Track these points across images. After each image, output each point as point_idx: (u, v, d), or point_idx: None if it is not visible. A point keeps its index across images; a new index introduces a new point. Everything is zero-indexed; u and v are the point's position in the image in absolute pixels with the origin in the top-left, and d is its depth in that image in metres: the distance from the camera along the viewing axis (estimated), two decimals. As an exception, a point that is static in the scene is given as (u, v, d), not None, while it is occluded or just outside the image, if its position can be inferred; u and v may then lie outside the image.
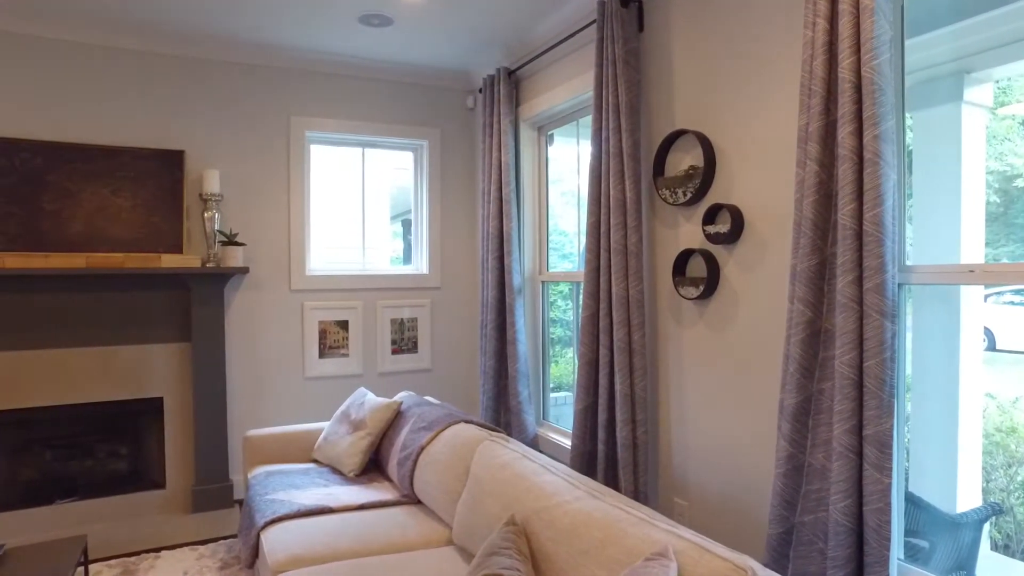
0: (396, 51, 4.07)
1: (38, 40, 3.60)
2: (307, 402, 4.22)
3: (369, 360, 4.38)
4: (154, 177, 3.74)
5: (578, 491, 1.84)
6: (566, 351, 4.25)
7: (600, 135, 3.03)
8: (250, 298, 4.07)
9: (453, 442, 2.56)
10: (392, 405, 3.14)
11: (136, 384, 3.76)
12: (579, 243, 3.84)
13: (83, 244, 3.58)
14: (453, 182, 4.64)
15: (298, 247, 4.17)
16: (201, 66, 3.94)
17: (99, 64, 3.72)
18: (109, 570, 3.11)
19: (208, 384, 3.84)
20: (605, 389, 2.95)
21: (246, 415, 4.08)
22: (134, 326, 3.74)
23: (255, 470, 3.13)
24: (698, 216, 2.68)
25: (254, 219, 4.07)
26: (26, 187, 3.50)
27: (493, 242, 3.97)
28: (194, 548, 3.32)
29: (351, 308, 4.32)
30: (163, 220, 3.74)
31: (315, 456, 3.24)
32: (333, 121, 4.27)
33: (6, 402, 3.51)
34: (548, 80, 3.78)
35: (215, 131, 3.98)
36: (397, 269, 4.61)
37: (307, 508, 2.53)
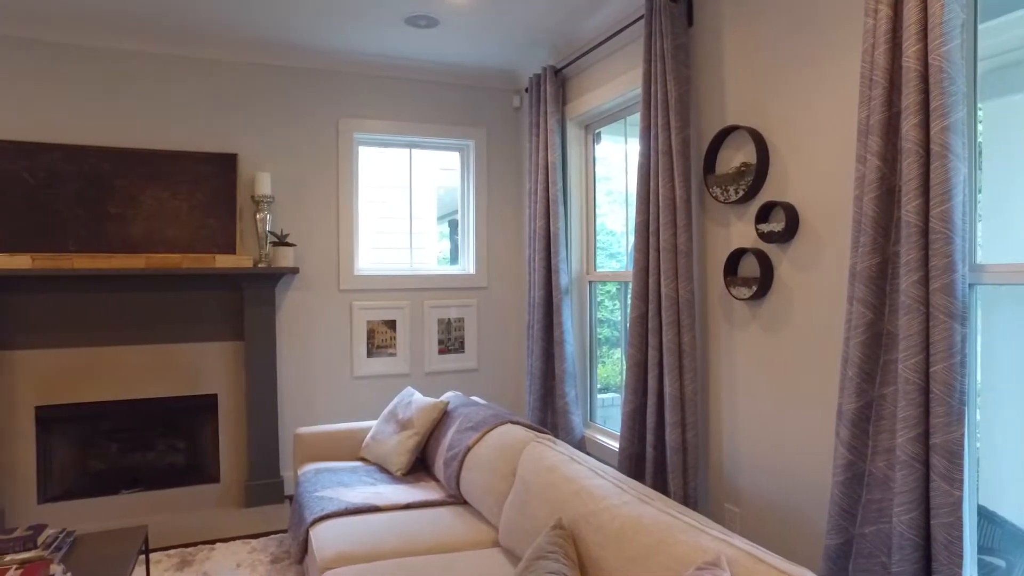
0: (442, 52, 4.08)
1: (104, 52, 3.75)
2: (355, 401, 4.28)
3: (416, 360, 4.42)
4: (209, 180, 3.85)
5: (627, 495, 1.80)
6: (613, 352, 4.19)
7: (649, 132, 2.98)
8: (300, 298, 4.15)
9: (500, 443, 2.55)
10: (439, 405, 3.14)
11: (192, 381, 3.88)
12: (627, 243, 3.79)
13: (143, 245, 3.70)
14: (499, 182, 4.64)
15: (347, 247, 4.23)
16: (254, 71, 4.03)
17: (159, 72, 3.85)
18: (168, 559, 3.21)
19: (260, 382, 3.93)
20: (654, 391, 2.89)
21: (296, 413, 4.16)
22: (190, 325, 3.86)
23: (305, 467, 3.18)
24: (750, 214, 2.60)
25: (304, 220, 4.15)
26: (93, 191, 3.64)
27: (540, 242, 3.94)
28: (246, 542, 3.40)
29: (399, 308, 4.36)
30: (217, 222, 3.84)
31: (363, 454, 3.27)
32: (381, 123, 4.31)
33: (76, 396, 3.67)
34: (595, 78, 3.73)
35: (267, 134, 4.07)
36: (444, 269, 4.63)
37: (355, 506, 2.55)
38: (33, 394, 3.61)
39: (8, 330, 3.56)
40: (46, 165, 3.58)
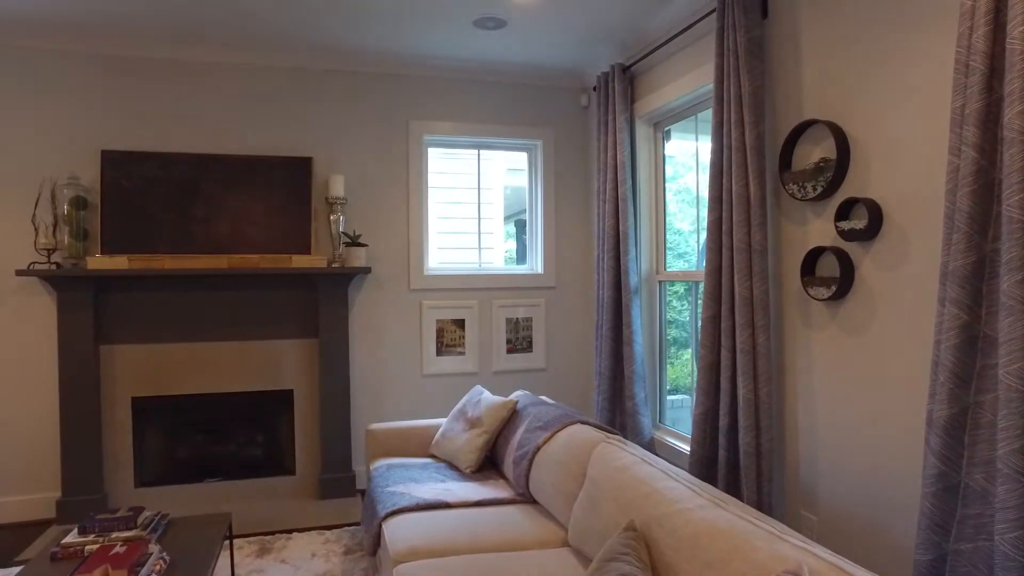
0: (510, 52, 4.11)
1: (190, 65, 3.95)
2: (424, 398, 4.36)
3: (484, 358, 4.46)
4: (286, 183, 4.00)
5: (701, 499, 1.76)
6: (681, 353, 4.12)
7: (721, 129, 2.90)
8: (372, 297, 4.26)
9: (569, 443, 2.54)
10: (508, 404, 3.16)
11: (270, 377, 4.04)
12: (697, 242, 3.71)
13: (226, 247, 3.88)
14: (567, 181, 4.63)
15: (417, 247, 4.31)
16: (328, 77, 4.17)
17: (239, 82, 4.03)
18: (248, 545, 3.35)
19: (333, 378, 4.05)
20: (727, 393, 2.82)
21: (367, 409, 4.27)
22: (268, 323, 4.02)
23: (376, 462, 3.26)
24: (830, 212, 2.50)
25: (376, 221, 4.25)
26: (181, 196, 3.85)
27: (609, 241, 3.91)
28: (321, 532, 3.52)
29: (467, 307, 4.41)
30: (293, 223, 3.99)
31: (432, 451, 3.33)
32: (449, 124, 4.37)
33: (165, 389, 3.89)
34: (664, 75, 3.67)
35: (340, 138, 4.19)
36: (512, 269, 4.66)
37: (426, 502, 2.60)
38: (130, 386, 3.84)
39: (109, 326, 3.80)
40: (141, 172, 3.81)
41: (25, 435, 3.79)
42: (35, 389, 3.79)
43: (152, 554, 2.21)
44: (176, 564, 2.32)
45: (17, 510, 3.77)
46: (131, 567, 2.08)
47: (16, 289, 3.77)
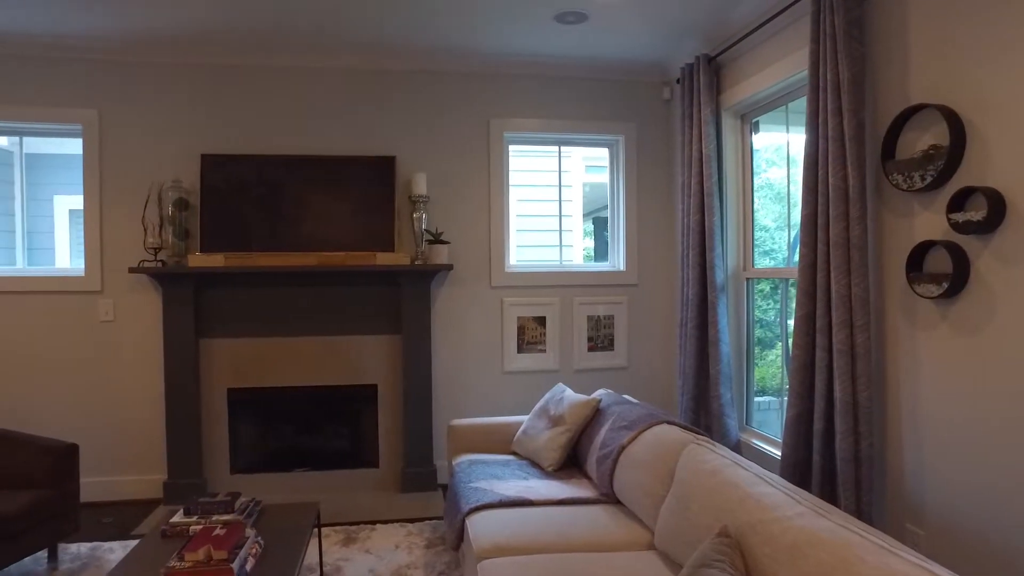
0: (591, 47, 4.06)
1: (277, 70, 4.12)
2: (505, 395, 4.37)
3: (565, 356, 4.43)
4: (370, 182, 4.10)
5: (800, 507, 1.67)
6: (766, 353, 3.96)
7: (817, 118, 2.76)
8: (454, 294, 4.31)
9: (655, 443, 2.48)
10: (591, 402, 3.13)
11: (355, 371, 4.16)
12: (787, 237, 3.54)
13: (313, 244, 4.02)
14: (650, 176, 4.53)
15: (498, 244, 4.33)
16: (411, 78, 4.24)
17: (324, 84, 4.17)
18: (335, 534, 3.46)
19: (416, 374, 4.13)
20: (822, 395, 2.68)
21: (449, 404, 4.32)
22: (353, 319, 4.14)
23: (459, 458, 3.29)
24: (941, 202, 2.33)
25: (457, 218, 4.30)
26: (272, 196, 4.01)
27: (694, 238, 3.80)
28: (403, 525, 3.59)
29: (549, 304, 4.39)
30: (377, 221, 4.08)
31: (514, 448, 3.33)
32: (530, 121, 4.37)
33: (257, 381, 4.07)
34: (753, 64, 3.53)
35: (422, 136, 4.26)
36: (594, 266, 4.61)
37: (509, 499, 2.60)
38: (226, 378, 4.05)
39: (207, 321, 4.02)
40: (236, 174, 4.00)
41: (137, 421, 4.06)
42: (146, 379, 4.06)
43: (249, 538, 2.31)
44: (270, 549, 2.42)
45: (131, 489, 4.05)
46: (230, 549, 2.18)
47: (129, 285, 4.04)
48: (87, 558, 3.21)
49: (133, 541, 3.40)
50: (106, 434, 4.05)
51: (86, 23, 3.59)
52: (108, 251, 4.02)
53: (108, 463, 4.05)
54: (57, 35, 3.75)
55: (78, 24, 3.60)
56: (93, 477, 4.01)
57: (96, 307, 4.02)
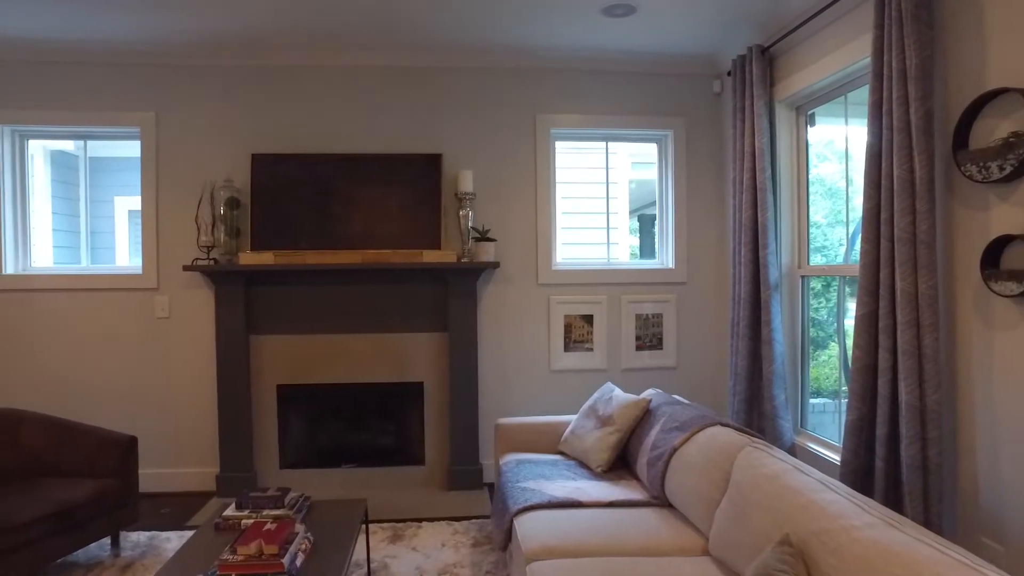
0: (639, 40, 3.97)
1: (324, 69, 4.16)
2: (552, 394, 4.33)
3: (613, 355, 4.36)
4: (417, 180, 4.11)
5: (869, 516, 1.58)
6: (817, 353, 3.82)
7: (880, 108, 2.63)
8: (500, 291, 4.29)
9: (709, 445, 2.40)
10: (641, 402, 3.06)
11: (402, 369, 4.17)
12: (846, 232, 3.40)
13: (361, 242, 4.05)
14: (699, 172, 4.42)
15: (545, 242, 4.29)
16: (456, 74, 4.23)
17: (371, 83, 4.19)
18: (382, 531, 3.47)
19: (462, 372, 4.12)
20: (885, 399, 2.55)
21: (495, 403, 4.30)
22: (400, 316, 4.15)
23: (506, 457, 3.26)
24: (1021, 194, 2.18)
25: (504, 215, 4.27)
26: (320, 194, 4.05)
27: (746, 234, 3.68)
28: (450, 523, 3.58)
29: (596, 302, 4.33)
30: (424, 218, 4.08)
31: (562, 448, 3.28)
32: (576, 116, 4.31)
33: (306, 378, 4.12)
34: (809, 53, 3.39)
35: (468, 133, 4.25)
36: (642, 263, 4.52)
37: (557, 500, 2.55)
38: (275, 374, 4.11)
39: (257, 318, 4.08)
40: (285, 173, 4.05)
41: (192, 415, 4.17)
42: (199, 374, 4.15)
43: (298, 533, 2.32)
44: (319, 544, 2.43)
45: (185, 480, 4.15)
46: (281, 544, 2.20)
47: (184, 283, 4.14)
48: (146, 546, 3.30)
49: (188, 532, 3.48)
50: (162, 427, 4.16)
51: (144, 29, 3.69)
52: (164, 249, 4.13)
53: (164, 455, 4.16)
54: (117, 42, 3.86)
55: (136, 30, 3.70)
56: (150, 468, 4.13)
57: (153, 304, 4.13)
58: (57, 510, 2.81)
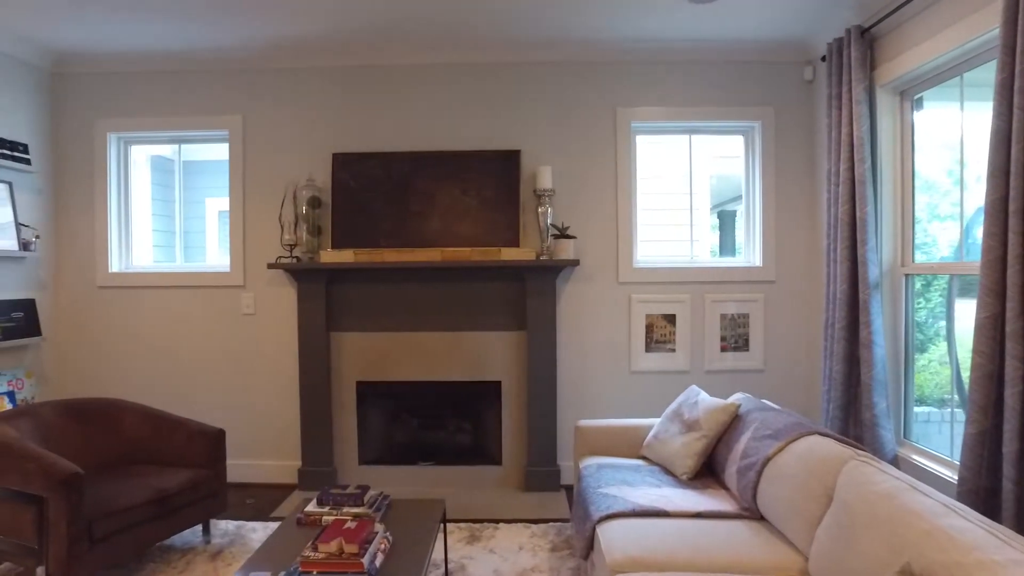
0: (724, 27, 3.78)
1: (404, 68, 4.17)
2: (632, 396, 4.20)
3: (696, 356, 4.18)
4: (495, 176, 4.06)
5: (1012, 550, 1.39)
6: (917, 357, 3.52)
7: (1011, 86, 2.37)
8: (579, 290, 4.19)
9: (808, 456, 2.23)
10: (729, 407, 2.89)
11: (479, 368, 4.14)
12: (960, 226, 3.11)
13: (439, 240, 4.04)
14: (789, 165, 4.18)
15: (625, 239, 4.16)
16: (534, 69, 4.16)
17: (449, 80, 4.18)
18: (459, 531, 3.44)
19: (540, 372, 4.04)
20: (1015, 411, 2.30)
21: (573, 404, 4.21)
22: (477, 314, 4.12)
23: (586, 460, 3.17)
24: None
25: (583, 212, 4.17)
26: (398, 192, 4.07)
27: (843, 230, 3.44)
28: (527, 526, 3.51)
29: (679, 302, 4.16)
30: (502, 216, 4.03)
31: (644, 453, 3.16)
32: (658, 109, 4.15)
33: (384, 375, 4.15)
34: (918, 31, 3.12)
35: (547, 129, 4.17)
36: (727, 261, 4.33)
37: (642, 508, 2.44)
38: (355, 371, 4.16)
39: (337, 315, 4.15)
40: (365, 171, 4.09)
41: (275, 409, 4.28)
42: (282, 370, 4.26)
43: (378, 533, 2.31)
44: (398, 544, 2.41)
45: (269, 472, 4.27)
46: (361, 543, 2.19)
47: (268, 281, 4.26)
48: (234, 535, 3.40)
49: (271, 523, 3.57)
50: (248, 420, 4.29)
51: (231, 37, 3.80)
52: (250, 248, 4.25)
53: (249, 447, 4.29)
54: (207, 50, 4.00)
55: (224, 38, 3.82)
56: (236, 459, 4.27)
57: (239, 301, 4.27)
58: (155, 497, 2.93)
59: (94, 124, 4.29)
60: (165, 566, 3.05)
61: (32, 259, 4.12)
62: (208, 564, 3.07)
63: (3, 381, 3.91)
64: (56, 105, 4.30)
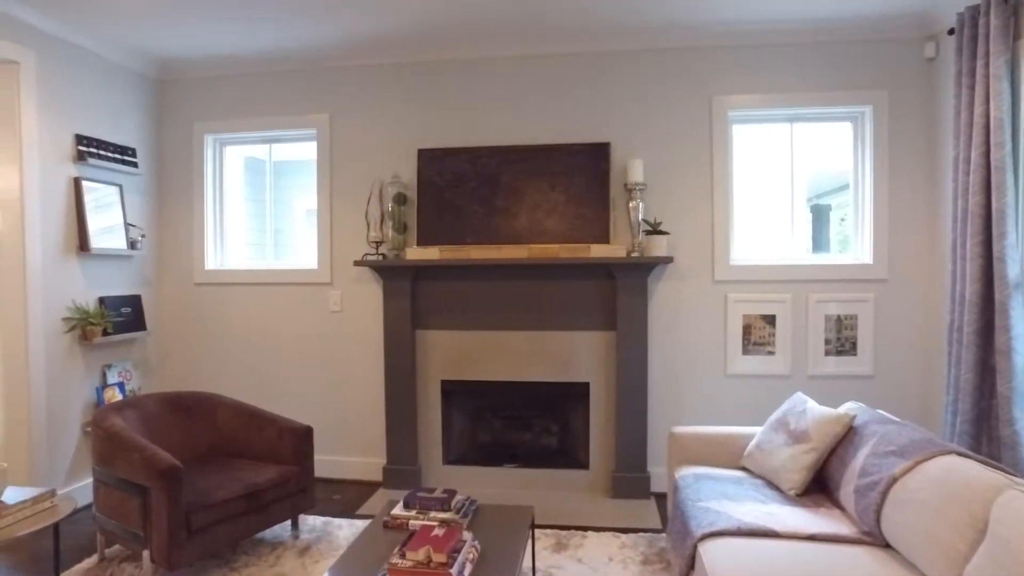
0: (831, 4, 3.48)
1: (488, 61, 4.09)
2: (727, 401, 3.96)
3: (798, 360, 3.89)
4: (583, 171, 3.92)
5: None
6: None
7: None
8: (672, 288, 3.98)
9: (945, 479, 1.97)
10: (842, 418, 2.64)
11: (566, 368, 4.01)
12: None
13: (526, 236, 3.93)
14: (905, 152, 3.82)
15: (722, 235, 3.92)
16: (623, 58, 3.98)
17: (535, 72, 4.06)
18: (545, 538, 3.33)
19: (630, 374, 3.87)
20: None
21: (665, 407, 4.01)
22: (564, 313, 3.99)
23: (681, 469, 2.98)
24: None
25: (677, 207, 3.96)
26: (485, 188, 4.00)
27: (974, 223, 3.09)
28: (616, 535, 3.36)
29: (779, 301, 3.89)
30: (591, 211, 3.88)
31: (744, 464, 2.94)
32: (757, 96, 3.89)
33: (469, 374, 4.09)
34: (1072, -4, 2.74)
35: (638, 120, 3.98)
36: (833, 258, 4.00)
37: (748, 527, 2.24)
38: (440, 369, 4.12)
39: (422, 312, 4.12)
40: (451, 167, 4.04)
41: (361, 407, 4.31)
42: (369, 366, 4.28)
43: (466, 542, 2.23)
44: (486, 553, 2.32)
45: (355, 469, 4.30)
46: (449, 552, 2.11)
47: (354, 278, 4.28)
48: (321, 531, 3.42)
49: (358, 520, 3.58)
50: (335, 416, 4.34)
51: (319, 35, 3.83)
52: (337, 245, 4.29)
53: (335, 443, 4.34)
54: (294, 50, 4.06)
55: (311, 37, 3.85)
56: (323, 455, 4.32)
57: (327, 298, 4.31)
58: (247, 491, 2.98)
59: (193, 127, 4.45)
60: (257, 559, 3.10)
61: (138, 257, 4.32)
62: (296, 560, 3.09)
63: (114, 372, 4.12)
64: (160, 111, 4.49)
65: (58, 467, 3.72)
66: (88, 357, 3.92)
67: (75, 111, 3.83)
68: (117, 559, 3.12)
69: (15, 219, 3.54)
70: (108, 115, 4.07)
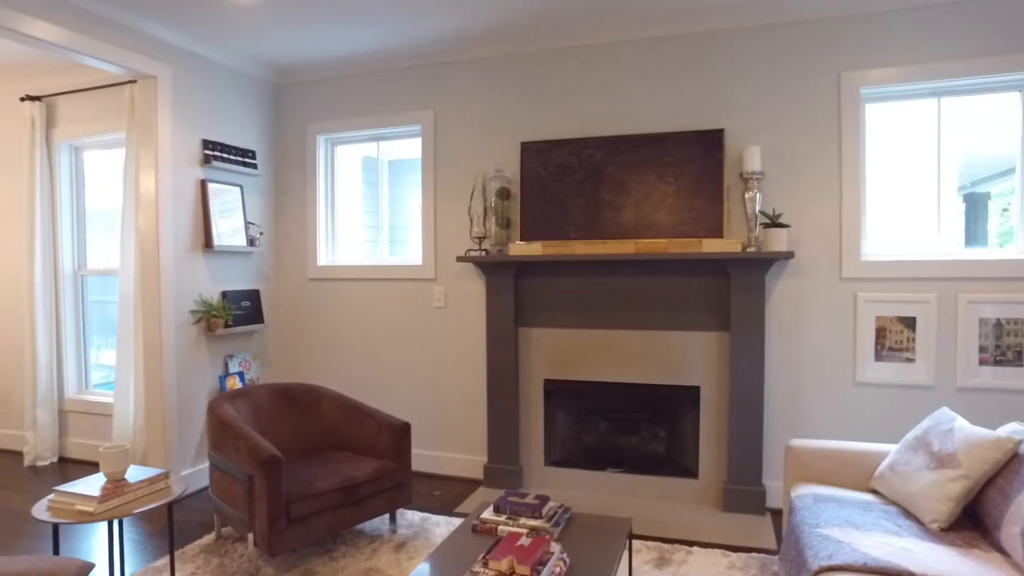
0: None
1: (590, 48, 3.91)
2: (855, 412, 3.55)
3: (944, 369, 3.42)
4: (694, 160, 3.65)
5: None
6: None
7: None
8: (793, 286, 3.63)
9: None
10: (1003, 443, 2.24)
11: (675, 370, 3.76)
12: None
13: (632, 231, 3.73)
14: (1088, 127, 3.23)
15: (851, 228, 3.52)
16: (737, 36, 3.67)
17: (639, 58, 3.83)
18: (646, 551, 3.13)
19: (745, 378, 3.57)
20: None
21: (782, 417, 3.67)
22: (674, 312, 3.75)
23: (799, 488, 2.68)
24: None
25: (799, 197, 3.60)
26: (590, 180, 3.83)
27: None
28: (725, 553, 3.10)
29: (921, 302, 3.43)
30: (703, 203, 3.62)
31: (875, 486, 2.59)
32: (895, 70, 3.44)
33: (572, 373, 3.95)
34: None
35: (754, 104, 3.66)
36: (989, 253, 3.48)
37: (877, 564, 1.94)
38: (543, 368, 4.01)
39: (525, 309, 4.03)
40: (556, 160, 3.91)
41: (463, 403, 4.29)
42: (472, 363, 4.26)
43: (553, 554, 2.10)
44: (574, 568, 2.18)
45: (456, 466, 4.30)
46: (534, 564, 1.99)
47: (457, 274, 4.27)
48: (418, 527, 3.42)
49: (454, 518, 3.55)
50: (437, 411, 4.35)
51: (421, 32, 3.82)
52: (441, 241, 4.29)
53: (437, 438, 4.35)
54: (399, 48, 4.08)
55: (415, 34, 3.85)
56: (425, 450, 4.35)
57: (431, 294, 4.33)
58: (344, 484, 3.02)
59: (306, 128, 4.62)
60: (354, 551, 3.14)
61: (257, 254, 4.55)
62: (392, 555, 3.10)
63: (236, 362, 4.36)
64: (277, 113, 4.71)
65: (187, 449, 3.99)
66: (212, 347, 4.18)
67: (202, 118, 4.08)
68: (232, 539, 3.28)
69: (152, 219, 3.83)
70: (231, 120, 4.31)
